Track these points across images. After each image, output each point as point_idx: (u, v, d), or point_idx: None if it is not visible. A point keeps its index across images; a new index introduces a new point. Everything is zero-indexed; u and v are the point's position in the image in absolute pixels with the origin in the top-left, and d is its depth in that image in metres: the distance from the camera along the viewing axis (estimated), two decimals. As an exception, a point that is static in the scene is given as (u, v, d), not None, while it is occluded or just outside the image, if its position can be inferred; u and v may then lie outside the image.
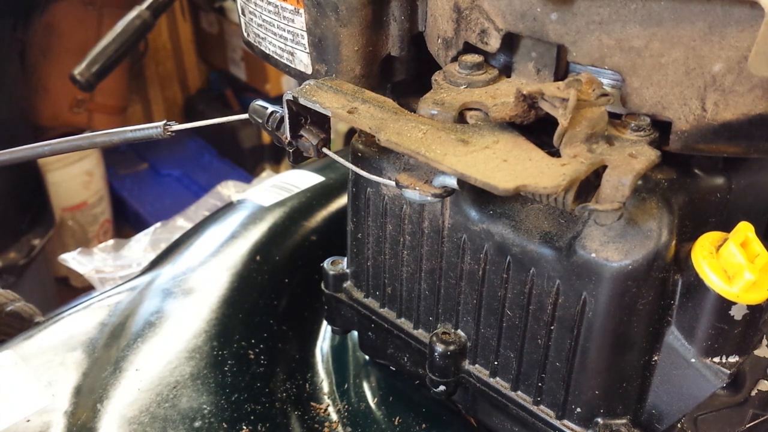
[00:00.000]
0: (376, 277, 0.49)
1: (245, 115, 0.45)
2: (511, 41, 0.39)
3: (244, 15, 0.50)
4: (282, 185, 0.74)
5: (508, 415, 0.46)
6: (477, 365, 0.46)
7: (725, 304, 0.36)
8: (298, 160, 0.43)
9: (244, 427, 0.45)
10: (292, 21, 0.44)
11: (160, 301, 0.56)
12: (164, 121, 0.45)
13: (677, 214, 0.37)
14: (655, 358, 0.39)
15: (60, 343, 0.52)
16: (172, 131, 0.45)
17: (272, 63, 0.49)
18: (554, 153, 0.34)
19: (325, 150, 0.41)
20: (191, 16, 2.08)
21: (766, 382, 0.43)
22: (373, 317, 0.51)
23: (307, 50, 0.44)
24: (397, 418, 0.52)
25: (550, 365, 0.41)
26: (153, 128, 0.45)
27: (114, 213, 1.89)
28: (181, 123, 0.46)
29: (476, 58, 0.39)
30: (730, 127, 0.34)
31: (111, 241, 1.13)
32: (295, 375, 0.55)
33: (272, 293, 0.60)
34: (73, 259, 1.08)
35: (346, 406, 0.53)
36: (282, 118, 0.42)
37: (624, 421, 0.41)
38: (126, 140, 0.46)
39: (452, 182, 0.36)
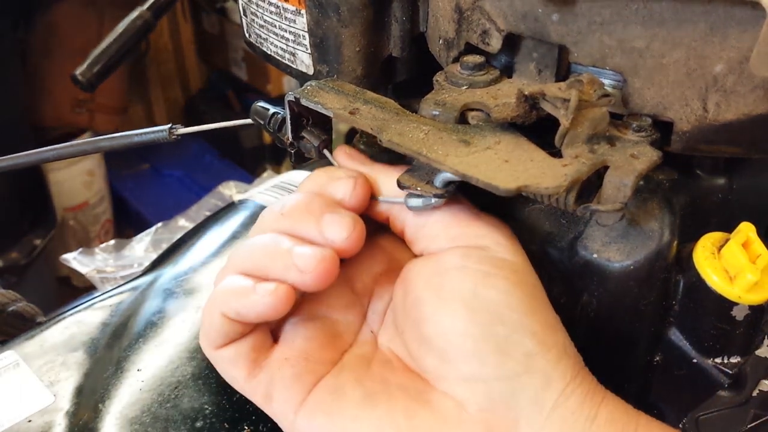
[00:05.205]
0: (377, 278, 0.49)
1: (249, 120, 0.45)
2: (512, 42, 0.39)
3: (246, 16, 0.50)
4: (283, 185, 0.74)
5: (509, 416, 0.45)
6: (478, 365, 0.46)
7: (727, 305, 0.36)
8: (300, 161, 0.43)
9: (246, 427, 0.45)
10: (294, 22, 0.44)
11: (161, 301, 0.56)
12: (170, 125, 0.46)
13: (679, 215, 0.37)
14: (657, 358, 0.39)
15: (61, 343, 0.52)
16: (177, 135, 0.45)
17: (274, 64, 0.49)
18: (556, 153, 0.34)
19: (325, 152, 0.41)
20: (192, 17, 2.08)
21: (767, 382, 0.43)
22: (375, 317, 0.51)
23: (309, 51, 0.44)
24: (399, 418, 0.52)
25: (552, 366, 0.41)
26: (158, 132, 0.45)
27: (115, 213, 1.89)
28: (182, 123, 0.46)
29: (478, 59, 0.39)
30: (731, 127, 0.34)
31: (112, 241, 1.13)
32: (296, 375, 0.55)
33: (274, 293, 0.60)
34: (74, 259, 1.08)
35: (348, 407, 0.53)
36: (283, 120, 0.42)
37: (625, 421, 0.41)
38: (132, 144, 0.46)
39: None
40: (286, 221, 0.37)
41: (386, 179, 0.39)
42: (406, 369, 0.37)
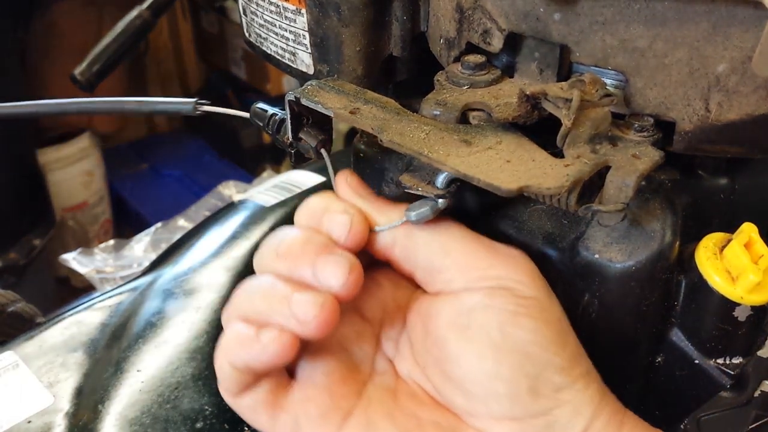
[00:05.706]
0: (377, 278, 0.49)
1: None
2: (514, 41, 0.39)
3: (246, 15, 0.49)
4: (283, 185, 0.74)
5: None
6: (479, 366, 0.45)
7: (729, 306, 0.36)
8: (300, 161, 0.42)
9: (246, 428, 0.45)
10: (294, 21, 0.44)
11: (161, 301, 0.56)
12: (195, 99, 0.46)
13: (681, 215, 0.37)
14: (659, 359, 0.39)
15: (61, 343, 0.52)
16: (201, 111, 0.45)
17: (274, 63, 0.48)
18: (557, 154, 0.34)
19: (322, 152, 0.41)
20: (192, 16, 2.08)
21: (768, 383, 0.43)
22: (375, 318, 0.51)
23: (309, 50, 0.44)
24: (399, 419, 0.51)
25: (553, 366, 0.41)
26: (183, 104, 0.46)
27: (114, 213, 1.88)
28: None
29: (479, 59, 0.39)
30: (733, 127, 0.34)
31: (111, 241, 1.13)
32: (296, 376, 0.55)
33: (273, 294, 0.60)
34: (73, 260, 1.08)
35: (348, 407, 0.53)
36: (282, 121, 0.42)
37: (627, 422, 0.41)
38: (154, 111, 0.47)
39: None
40: (282, 263, 0.35)
41: (384, 218, 0.37)
42: (434, 402, 0.36)
